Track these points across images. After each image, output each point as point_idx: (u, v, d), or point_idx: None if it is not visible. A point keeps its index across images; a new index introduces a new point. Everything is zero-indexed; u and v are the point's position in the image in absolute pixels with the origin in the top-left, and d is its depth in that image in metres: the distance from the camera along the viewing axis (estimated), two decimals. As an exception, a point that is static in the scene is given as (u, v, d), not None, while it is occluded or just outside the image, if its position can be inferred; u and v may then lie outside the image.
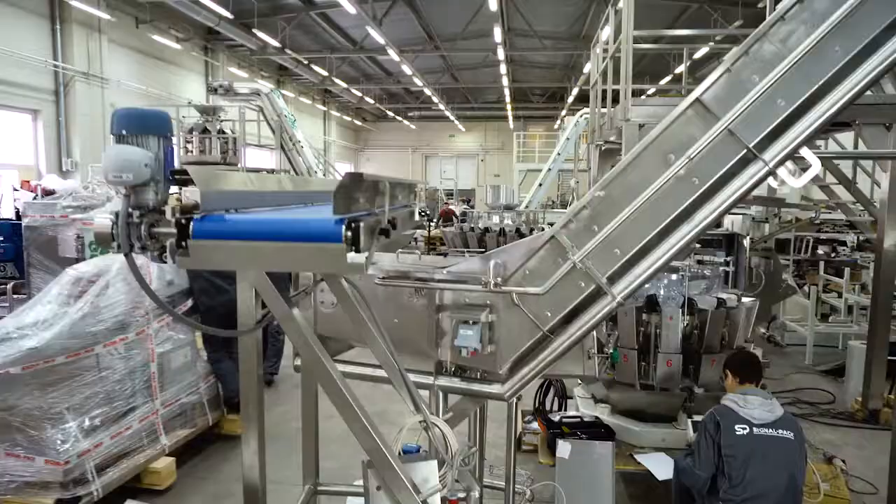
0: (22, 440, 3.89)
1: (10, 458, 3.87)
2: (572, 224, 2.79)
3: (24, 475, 3.87)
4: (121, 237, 1.48)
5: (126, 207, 1.48)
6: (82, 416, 4.06)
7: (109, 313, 4.25)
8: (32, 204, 6.78)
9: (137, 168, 1.45)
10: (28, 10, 13.00)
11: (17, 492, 3.85)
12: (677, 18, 18.77)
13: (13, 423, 3.85)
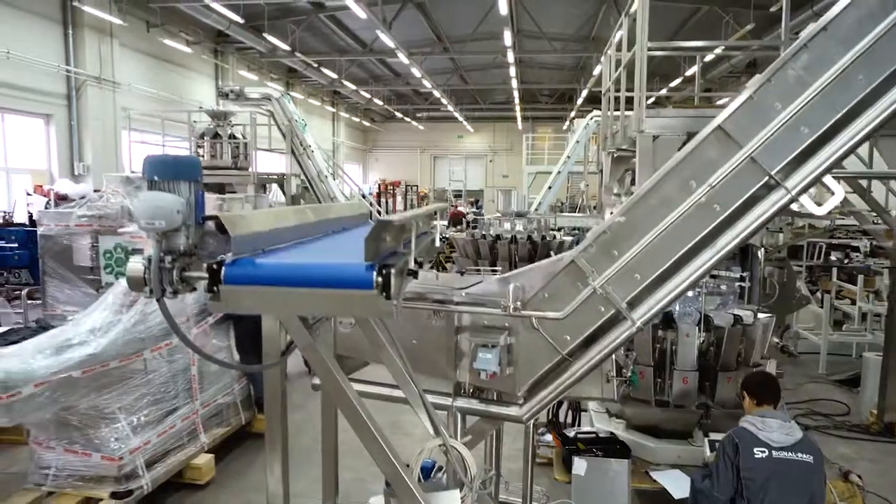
0: (79, 438, 4.20)
1: (68, 453, 4.19)
2: (592, 249, 2.79)
3: (81, 469, 4.18)
4: (153, 282, 1.49)
5: (158, 253, 1.49)
6: (132, 415, 4.38)
7: (155, 321, 4.49)
8: (47, 213, 6.81)
9: (170, 215, 1.46)
10: (41, 15, 13.08)
11: (76, 484, 4.16)
12: (688, 20, 18.70)
13: (71, 423, 4.17)
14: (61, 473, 4.17)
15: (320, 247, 2.01)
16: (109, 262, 6.69)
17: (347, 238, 2.41)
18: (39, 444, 4.29)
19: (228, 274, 1.47)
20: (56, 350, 4.01)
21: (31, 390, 3.78)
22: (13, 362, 3.83)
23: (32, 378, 3.80)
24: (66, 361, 3.96)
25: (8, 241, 8.72)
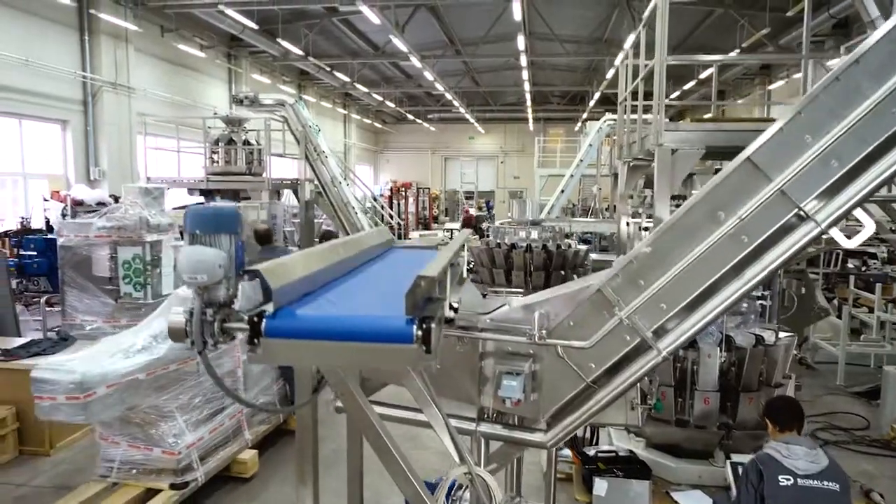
0: (140, 434, 4.59)
1: (132, 448, 4.59)
2: (618, 278, 2.79)
3: (144, 463, 4.59)
4: (195, 335, 1.50)
5: (200, 307, 1.50)
6: (187, 414, 4.75)
7: None
8: (67, 223, 6.90)
9: (212, 269, 1.47)
10: (58, 21, 13.20)
11: (139, 476, 4.57)
12: (701, 22, 18.59)
13: (134, 420, 4.56)
14: (125, 466, 4.59)
15: (356, 285, 2.01)
16: (128, 273, 6.77)
17: (380, 271, 2.43)
18: (105, 440, 4.67)
19: (269, 327, 1.48)
20: (124, 354, 4.41)
21: (104, 391, 4.16)
22: (88, 365, 4.21)
23: (106, 380, 4.19)
24: (133, 365, 4.35)
25: (27, 249, 8.83)
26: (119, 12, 14.30)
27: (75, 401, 4.07)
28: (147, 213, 6.81)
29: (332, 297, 1.77)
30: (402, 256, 2.78)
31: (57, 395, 4.07)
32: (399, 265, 2.59)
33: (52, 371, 4.14)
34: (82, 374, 4.12)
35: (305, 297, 1.70)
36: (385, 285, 2.09)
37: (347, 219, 12.61)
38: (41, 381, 4.12)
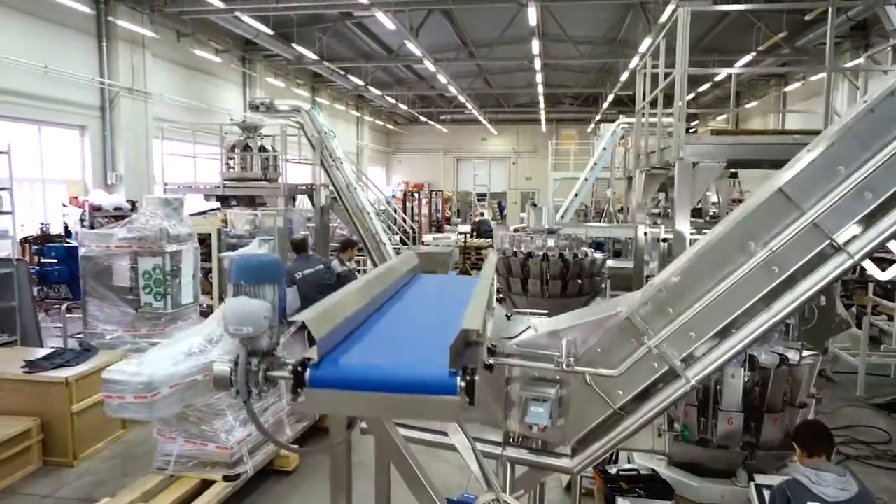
0: (195, 430, 4.95)
1: (188, 443, 4.96)
2: (647, 306, 2.79)
3: (199, 457, 4.94)
4: (240, 385, 1.52)
5: (245, 357, 1.52)
6: (237, 412, 5.07)
7: None
8: (89, 234, 6.97)
9: (257, 320, 1.49)
10: (77, 29, 13.33)
11: (193, 469, 4.93)
12: (715, 26, 18.48)
13: (190, 418, 4.90)
14: (181, 460, 4.94)
15: (393, 323, 2.03)
16: (148, 283, 6.83)
17: (414, 305, 2.44)
18: (163, 436, 5.03)
19: (313, 377, 1.49)
20: (185, 357, 4.78)
21: (168, 391, 4.53)
22: (154, 368, 4.57)
23: (169, 381, 4.56)
24: (192, 367, 4.72)
25: (48, 256, 8.93)
26: (136, 18, 14.41)
27: (142, 400, 4.45)
28: (167, 223, 6.86)
29: (371, 339, 1.78)
30: (430, 285, 2.78)
31: (126, 395, 4.44)
32: (430, 296, 2.60)
33: (121, 372, 4.53)
34: (149, 375, 4.49)
35: (346, 341, 1.71)
36: (422, 322, 2.10)
37: (362, 224, 12.66)
38: (111, 382, 4.49)
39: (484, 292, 1.94)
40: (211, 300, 9.22)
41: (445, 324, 1.95)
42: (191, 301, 7.24)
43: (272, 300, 1.55)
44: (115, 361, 5.96)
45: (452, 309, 2.22)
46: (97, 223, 12.50)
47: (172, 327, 6.99)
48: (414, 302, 2.41)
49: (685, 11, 5.36)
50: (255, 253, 1.59)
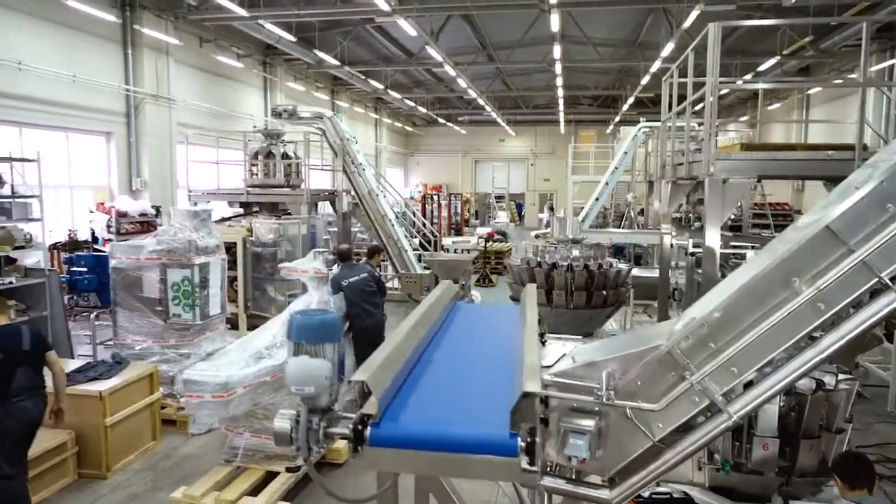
0: (260, 426, 5.31)
1: (254, 438, 5.37)
2: (688, 340, 2.77)
3: (264, 450, 5.35)
4: (301, 442, 1.54)
5: (306, 416, 1.53)
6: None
7: None
8: (119, 245, 7.05)
9: (318, 380, 1.51)
10: (103, 37, 13.51)
11: (260, 461, 5.36)
12: (738, 27, 18.23)
13: (256, 414, 5.30)
14: (247, 453, 5.38)
15: (445, 369, 2.03)
16: (177, 295, 6.90)
17: (463, 343, 2.45)
18: (231, 431, 5.47)
19: (374, 436, 1.51)
20: (255, 360, 5.25)
21: (241, 391, 4.98)
22: (229, 370, 5.03)
23: (243, 381, 5.02)
24: (262, 369, 5.18)
25: (78, 265, 9.05)
26: (160, 26, 14.57)
27: (219, 399, 4.89)
28: (195, 235, 6.93)
29: (426, 389, 1.79)
30: (472, 319, 2.79)
31: (204, 395, 4.87)
32: (476, 335, 2.60)
33: (201, 374, 4.96)
34: (227, 377, 4.94)
35: (401, 392, 1.72)
36: (473, 368, 2.11)
37: (384, 229, 12.71)
38: (192, 382, 4.92)
39: (534, 344, 1.93)
40: (236, 308, 9.31)
41: (497, 368, 1.96)
42: (218, 312, 7.30)
43: (332, 358, 1.56)
44: (147, 375, 6.07)
45: (502, 351, 2.23)
46: (123, 229, 12.67)
47: (200, 338, 7.06)
48: (461, 342, 2.41)
49: (716, 27, 5.32)
50: (315, 311, 1.60)
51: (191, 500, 4.87)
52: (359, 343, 6.55)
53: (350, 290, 6.67)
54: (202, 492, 4.91)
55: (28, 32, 11.77)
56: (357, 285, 6.79)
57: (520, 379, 1.61)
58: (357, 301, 6.64)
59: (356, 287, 6.76)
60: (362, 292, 6.77)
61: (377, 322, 6.88)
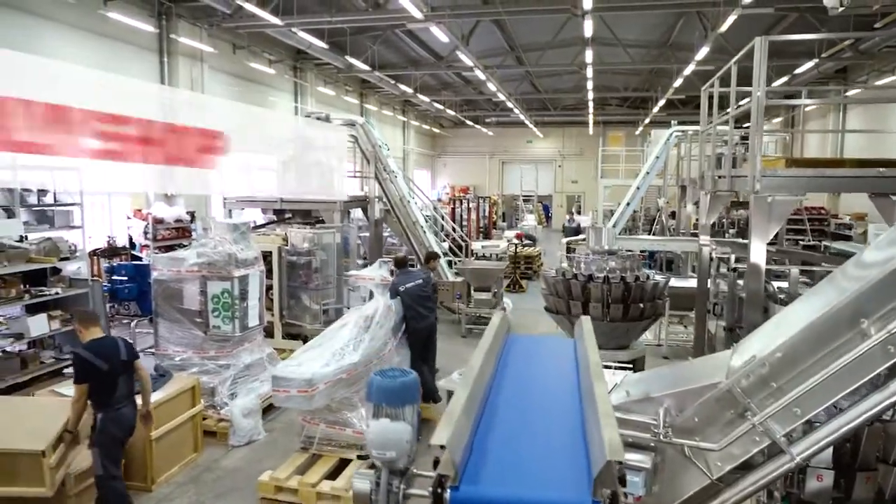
0: (333, 418, 5.93)
1: (329, 428, 5.93)
2: (749, 379, 2.73)
3: (338, 439, 5.94)
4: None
5: (387, 479, 1.53)
6: (369, 404, 5.36)
7: (378, 338, 6.35)
8: (160, 258, 7.15)
9: (400, 444, 1.51)
10: (141, 46, 13.76)
11: (334, 449, 5.89)
12: (773, 26, 17.93)
13: (331, 407, 5.84)
14: (322, 441, 5.94)
15: (515, 420, 2.02)
16: (217, 307, 6.98)
17: (526, 385, 2.43)
18: (308, 422, 5.99)
19: (453, 500, 1.50)
20: (333, 359, 5.79)
21: (323, 387, 5.47)
22: (313, 367, 5.57)
23: (325, 378, 5.52)
24: (340, 367, 5.71)
25: (119, 274, 9.24)
26: (195, 34, 14.78)
27: (304, 393, 5.38)
28: (235, 248, 7.01)
29: (498, 443, 1.78)
30: (529, 353, 2.77)
31: (291, 389, 5.36)
32: (538, 376, 2.58)
33: (289, 370, 5.49)
34: (311, 374, 5.45)
35: (475, 447, 1.71)
36: (541, 411, 2.09)
37: (415, 236, 12.74)
38: (280, 378, 5.42)
39: (606, 398, 1.91)
40: (271, 317, 9.39)
41: (566, 415, 1.94)
42: (256, 323, 7.37)
43: (412, 420, 1.56)
44: (189, 387, 6.15)
45: (568, 397, 2.21)
46: (159, 235, 12.89)
47: (239, 349, 7.13)
48: (523, 384, 2.39)
49: (762, 41, 5.22)
50: (395, 373, 1.60)
51: (277, 483, 5.40)
52: (413, 342, 7.22)
53: (406, 294, 7.14)
54: (286, 475, 5.46)
55: (70, 42, 12.03)
56: (413, 290, 7.24)
57: (598, 439, 1.59)
58: (412, 305, 7.15)
59: (412, 292, 7.22)
60: (417, 297, 7.25)
61: (430, 324, 7.45)
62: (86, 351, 4.60)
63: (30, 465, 4.56)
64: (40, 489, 4.55)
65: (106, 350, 4.67)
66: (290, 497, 5.38)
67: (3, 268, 6.78)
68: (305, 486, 5.36)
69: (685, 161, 14.37)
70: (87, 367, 4.54)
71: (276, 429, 6.99)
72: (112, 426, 4.65)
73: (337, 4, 15.50)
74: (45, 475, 4.55)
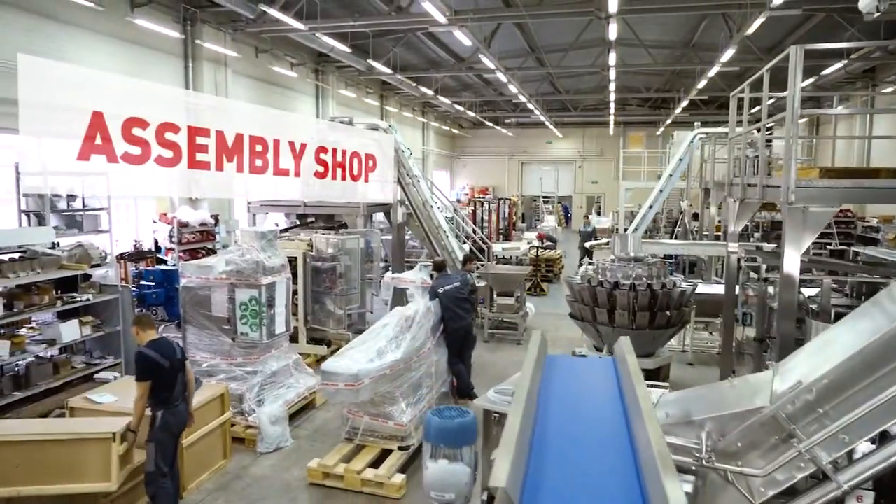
0: (376, 411, 6.34)
1: (372, 420, 6.37)
2: (794, 405, 2.69)
3: (380, 431, 6.37)
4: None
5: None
6: (406, 398, 6.49)
7: (418, 338, 6.78)
8: (189, 265, 7.21)
9: (459, 486, 1.51)
10: (166, 51, 13.88)
11: (377, 440, 6.36)
12: (800, 25, 17.66)
13: (375, 401, 6.27)
14: (366, 433, 6.38)
15: (562, 445, 2.00)
16: (245, 314, 7.03)
17: (568, 412, 2.41)
18: (352, 415, 6.43)
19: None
20: (377, 356, 6.23)
21: (368, 381, 5.90)
22: (358, 364, 5.99)
23: (369, 374, 5.94)
24: (384, 364, 6.15)
25: (147, 279, 9.34)
26: (219, 38, 14.89)
27: (351, 388, 5.82)
28: (262, 256, 7.05)
29: (552, 480, 1.76)
30: (569, 377, 2.75)
31: (339, 384, 5.82)
32: (579, 398, 2.56)
33: (337, 366, 5.92)
34: (358, 369, 5.88)
35: (528, 484, 1.70)
36: (589, 441, 2.08)
37: (438, 241, 12.74)
38: (330, 373, 5.89)
39: (659, 436, 1.88)
40: (296, 322, 9.44)
41: (615, 447, 1.92)
42: (283, 330, 7.42)
43: (470, 461, 1.55)
44: (218, 395, 6.20)
45: (614, 425, 2.19)
46: (184, 238, 13.01)
47: (266, 356, 7.18)
48: (568, 412, 2.36)
49: (797, 50, 5.14)
50: (452, 412, 1.59)
51: (325, 469, 5.93)
52: (451, 341, 7.65)
53: (445, 296, 7.58)
54: (333, 462, 5.97)
55: (97, 49, 12.19)
56: (451, 293, 7.66)
57: (656, 481, 1.57)
58: (451, 306, 7.57)
59: (451, 294, 7.64)
60: (456, 299, 7.66)
61: (467, 324, 7.82)
62: (149, 350, 4.86)
63: (97, 455, 4.71)
64: (105, 483, 4.71)
65: (166, 349, 4.97)
66: (337, 483, 5.90)
67: (37, 275, 6.87)
68: (351, 472, 5.87)
69: (709, 163, 14.22)
70: (151, 365, 4.81)
71: (302, 436, 7.03)
72: (171, 422, 4.94)
73: (359, 8, 15.55)
74: (111, 466, 4.69)
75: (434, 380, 7.18)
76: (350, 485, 5.83)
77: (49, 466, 4.67)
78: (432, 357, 7.10)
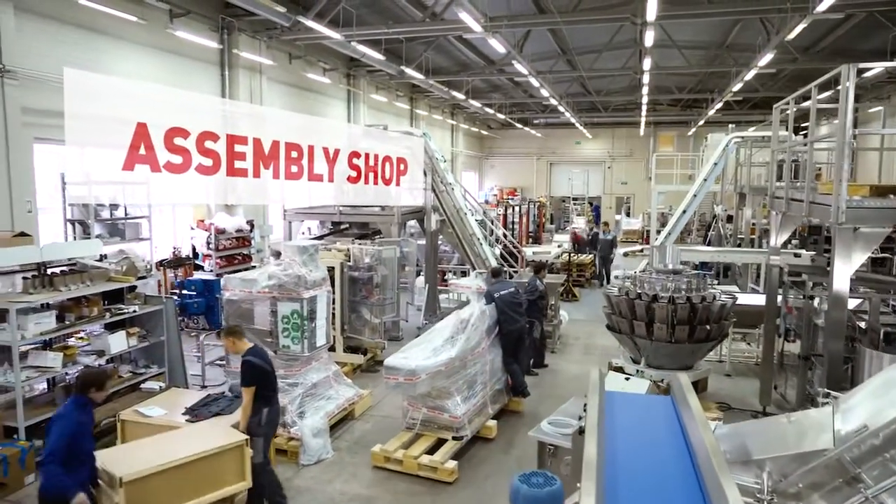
0: (433, 404, 6.91)
1: (429, 412, 6.94)
2: (859, 449, 2.67)
3: (436, 422, 6.94)
4: None
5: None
6: (460, 393, 7.01)
7: (472, 338, 7.28)
8: (232, 279, 7.34)
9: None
10: (204, 60, 14.15)
11: (433, 431, 6.93)
12: (839, 24, 17.27)
13: (432, 394, 6.85)
14: (424, 423, 6.97)
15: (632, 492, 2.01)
16: (286, 327, 7.14)
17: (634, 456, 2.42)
18: (412, 406, 7.04)
19: None
20: (434, 353, 6.83)
21: (425, 376, 6.50)
22: (416, 360, 6.61)
23: (425, 370, 6.53)
24: (439, 361, 6.71)
25: (188, 289, 9.54)
26: (255, 46, 15.11)
27: (410, 381, 6.44)
28: (304, 270, 7.15)
29: None
30: (631, 416, 2.75)
31: (399, 377, 6.45)
32: (643, 439, 2.57)
33: (398, 362, 6.56)
34: (416, 365, 6.49)
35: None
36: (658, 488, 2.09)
37: (471, 248, 12.76)
38: (391, 368, 6.52)
39: (733, 487, 1.89)
40: (333, 331, 9.55)
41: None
42: (323, 342, 7.52)
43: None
44: (264, 408, 6.31)
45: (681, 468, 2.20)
46: (221, 245, 13.25)
47: (307, 368, 7.28)
48: (634, 456, 2.37)
49: (849, 69, 5.07)
50: (539, 479, 1.62)
51: (386, 454, 6.57)
52: (505, 343, 8.08)
53: (501, 301, 7.99)
54: (393, 448, 6.60)
55: (140, 60, 12.46)
56: (506, 297, 8.08)
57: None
58: (505, 310, 8.02)
59: (506, 299, 8.06)
60: (510, 303, 8.09)
61: (521, 327, 8.29)
62: (254, 357, 5.41)
63: (233, 460, 5.19)
64: (242, 483, 5.22)
65: (263, 354, 5.60)
66: (396, 466, 6.52)
67: (87, 287, 7.06)
68: (409, 458, 6.47)
69: (745, 167, 14.02)
70: (259, 371, 5.37)
71: (342, 447, 7.11)
72: (275, 418, 5.57)
73: (393, 15, 15.63)
74: (245, 467, 5.20)
75: (489, 377, 7.65)
76: (408, 468, 6.43)
77: (196, 481, 5.00)
78: (487, 356, 7.58)
